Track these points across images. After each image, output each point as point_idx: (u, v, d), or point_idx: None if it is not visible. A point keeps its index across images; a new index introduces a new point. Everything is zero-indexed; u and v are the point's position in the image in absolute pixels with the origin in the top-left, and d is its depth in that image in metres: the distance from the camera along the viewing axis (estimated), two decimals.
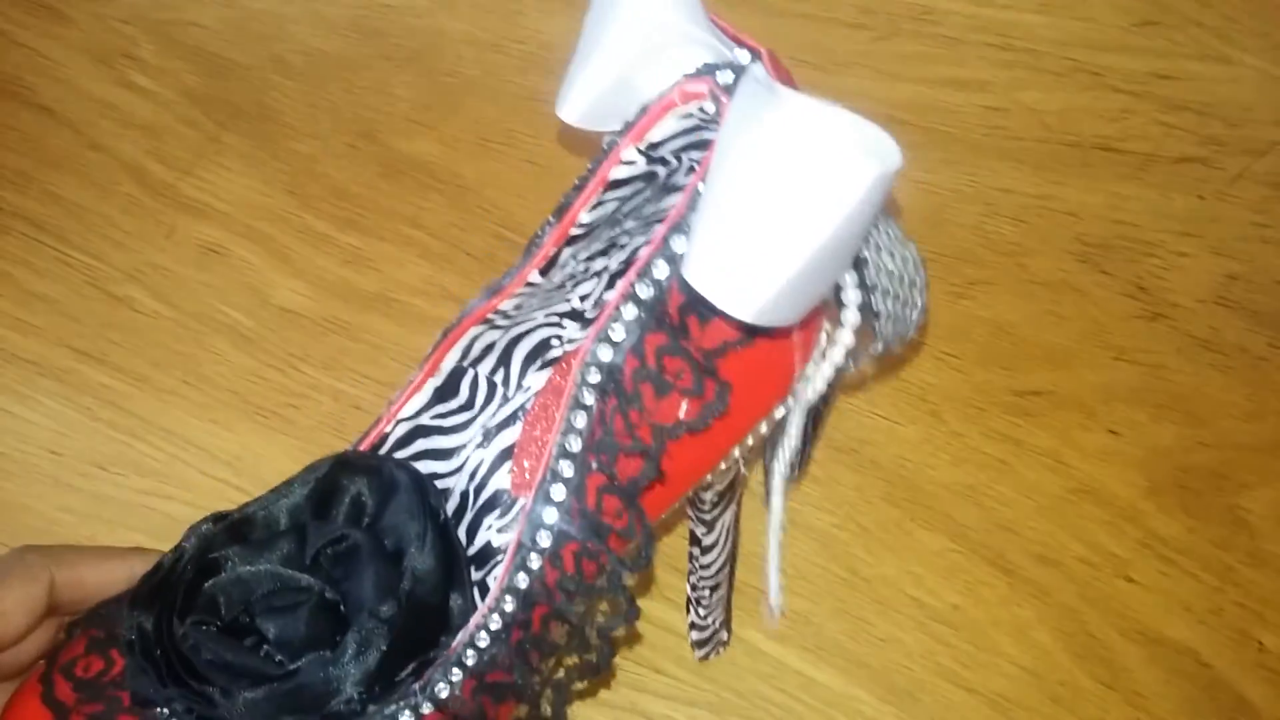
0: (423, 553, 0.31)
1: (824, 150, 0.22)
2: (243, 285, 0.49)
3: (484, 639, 0.30)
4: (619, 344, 0.26)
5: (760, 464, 0.32)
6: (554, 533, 0.28)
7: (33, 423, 0.46)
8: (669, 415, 0.27)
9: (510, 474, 0.36)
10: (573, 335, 0.36)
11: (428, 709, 0.30)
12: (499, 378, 0.35)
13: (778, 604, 0.31)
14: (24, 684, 0.32)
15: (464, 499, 0.36)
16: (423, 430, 0.35)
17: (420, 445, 0.35)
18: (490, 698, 0.31)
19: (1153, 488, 0.44)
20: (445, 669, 0.30)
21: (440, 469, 0.36)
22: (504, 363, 0.35)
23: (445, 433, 0.36)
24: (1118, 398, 0.45)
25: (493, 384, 0.35)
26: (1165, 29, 0.52)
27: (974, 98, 0.51)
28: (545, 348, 0.36)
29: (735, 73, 0.25)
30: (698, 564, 0.38)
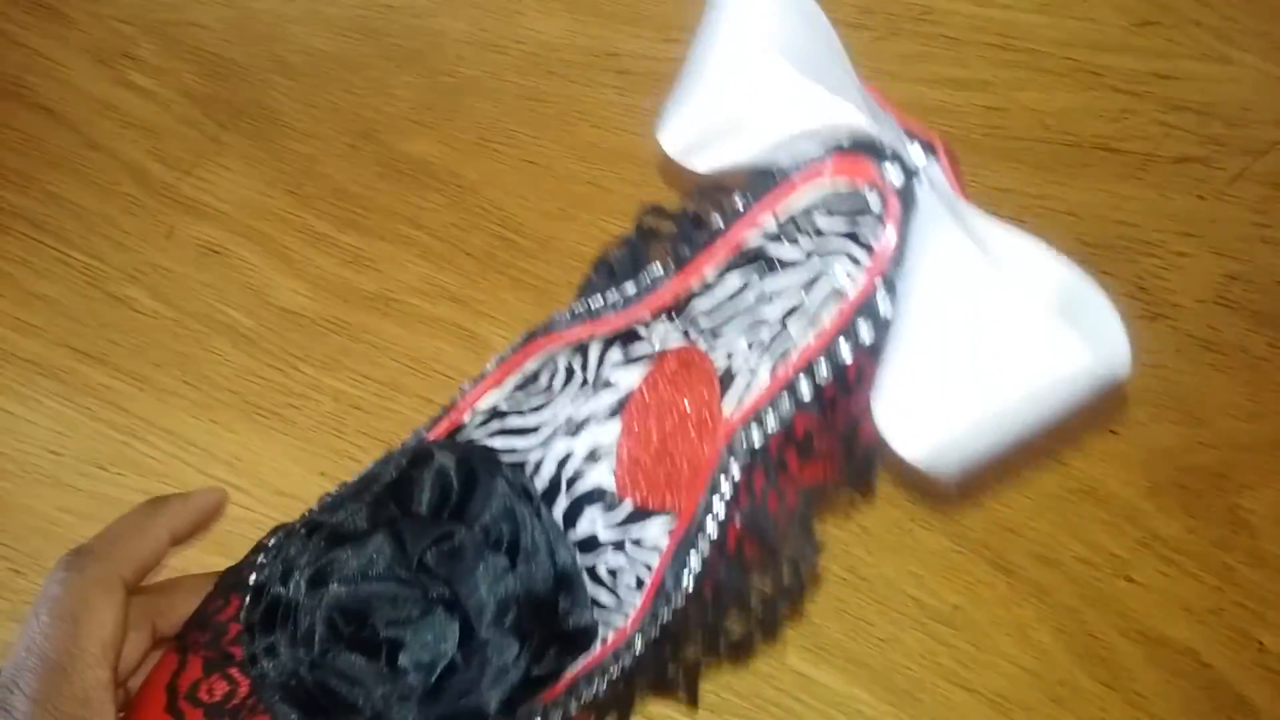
0: (535, 549, 0.31)
1: (1038, 329, 0.21)
2: (243, 285, 0.49)
3: (628, 658, 0.31)
4: (768, 431, 0.27)
5: None
6: (694, 575, 0.29)
7: (33, 423, 0.46)
8: (814, 478, 0.27)
9: (613, 475, 0.36)
10: (659, 329, 0.34)
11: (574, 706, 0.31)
12: (577, 363, 0.34)
13: None
14: (146, 713, 0.31)
15: (554, 484, 0.36)
16: (498, 414, 0.35)
17: (495, 425, 0.35)
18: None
19: (1153, 488, 0.44)
20: (593, 677, 0.31)
21: (519, 445, 0.36)
22: (580, 349, 0.34)
23: (523, 414, 0.35)
24: (1118, 397, 0.45)
25: (570, 369, 0.34)
26: (1165, 29, 0.52)
27: (974, 98, 0.51)
28: (632, 337, 0.34)
29: (907, 174, 0.24)
30: None
